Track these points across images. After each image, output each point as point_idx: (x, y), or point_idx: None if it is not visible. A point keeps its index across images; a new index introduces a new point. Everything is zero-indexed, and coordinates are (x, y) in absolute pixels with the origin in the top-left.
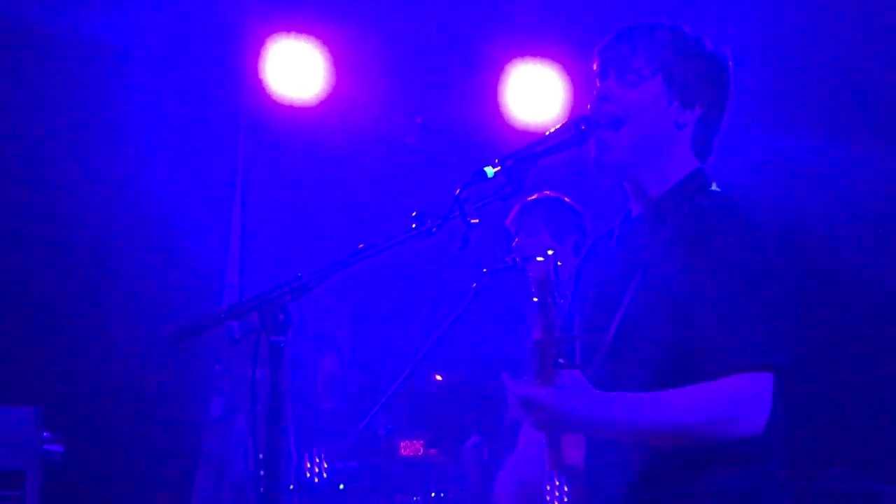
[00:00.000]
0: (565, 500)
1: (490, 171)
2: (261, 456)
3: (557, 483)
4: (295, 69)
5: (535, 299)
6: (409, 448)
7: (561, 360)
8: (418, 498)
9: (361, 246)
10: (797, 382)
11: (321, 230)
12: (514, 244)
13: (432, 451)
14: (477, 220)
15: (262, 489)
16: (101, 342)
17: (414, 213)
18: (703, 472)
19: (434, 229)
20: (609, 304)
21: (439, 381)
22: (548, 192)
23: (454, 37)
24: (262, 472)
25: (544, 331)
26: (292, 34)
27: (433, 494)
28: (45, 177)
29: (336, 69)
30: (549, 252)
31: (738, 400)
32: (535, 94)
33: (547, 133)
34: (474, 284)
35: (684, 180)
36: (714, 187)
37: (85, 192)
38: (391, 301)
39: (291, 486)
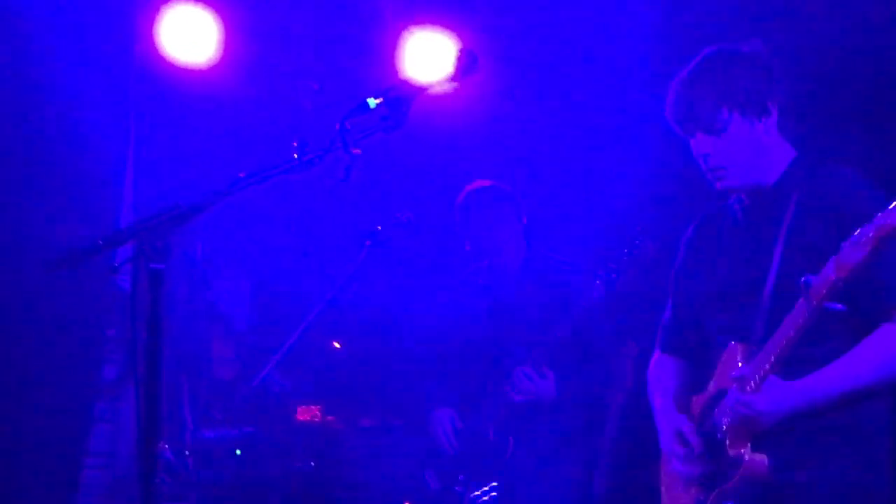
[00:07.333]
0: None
1: (373, 102)
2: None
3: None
4: (189, 34)
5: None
6: (306, 413)
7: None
8: (315, 463)
9: (242, 175)
10: None
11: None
12: (468, 246)
13: (330, 418)
14: (359, 151)
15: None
16: None
17: (295, 144)
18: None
19: (316, 160)
20: (748, 277)
21: (337, 348)
22: (484, 182)
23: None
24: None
25: None
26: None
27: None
28: None
29: (231, 34)
30: None
31: None
32: (431, 59)
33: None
34: (368, 242)
35: (790, 168)
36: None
37: None
38: (292, 275)
39: (187, 453)
